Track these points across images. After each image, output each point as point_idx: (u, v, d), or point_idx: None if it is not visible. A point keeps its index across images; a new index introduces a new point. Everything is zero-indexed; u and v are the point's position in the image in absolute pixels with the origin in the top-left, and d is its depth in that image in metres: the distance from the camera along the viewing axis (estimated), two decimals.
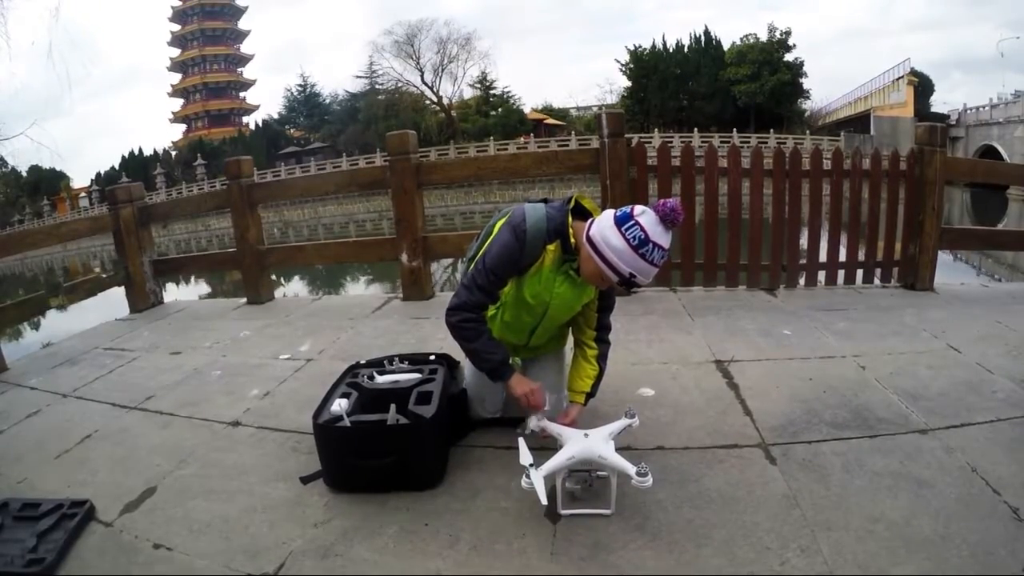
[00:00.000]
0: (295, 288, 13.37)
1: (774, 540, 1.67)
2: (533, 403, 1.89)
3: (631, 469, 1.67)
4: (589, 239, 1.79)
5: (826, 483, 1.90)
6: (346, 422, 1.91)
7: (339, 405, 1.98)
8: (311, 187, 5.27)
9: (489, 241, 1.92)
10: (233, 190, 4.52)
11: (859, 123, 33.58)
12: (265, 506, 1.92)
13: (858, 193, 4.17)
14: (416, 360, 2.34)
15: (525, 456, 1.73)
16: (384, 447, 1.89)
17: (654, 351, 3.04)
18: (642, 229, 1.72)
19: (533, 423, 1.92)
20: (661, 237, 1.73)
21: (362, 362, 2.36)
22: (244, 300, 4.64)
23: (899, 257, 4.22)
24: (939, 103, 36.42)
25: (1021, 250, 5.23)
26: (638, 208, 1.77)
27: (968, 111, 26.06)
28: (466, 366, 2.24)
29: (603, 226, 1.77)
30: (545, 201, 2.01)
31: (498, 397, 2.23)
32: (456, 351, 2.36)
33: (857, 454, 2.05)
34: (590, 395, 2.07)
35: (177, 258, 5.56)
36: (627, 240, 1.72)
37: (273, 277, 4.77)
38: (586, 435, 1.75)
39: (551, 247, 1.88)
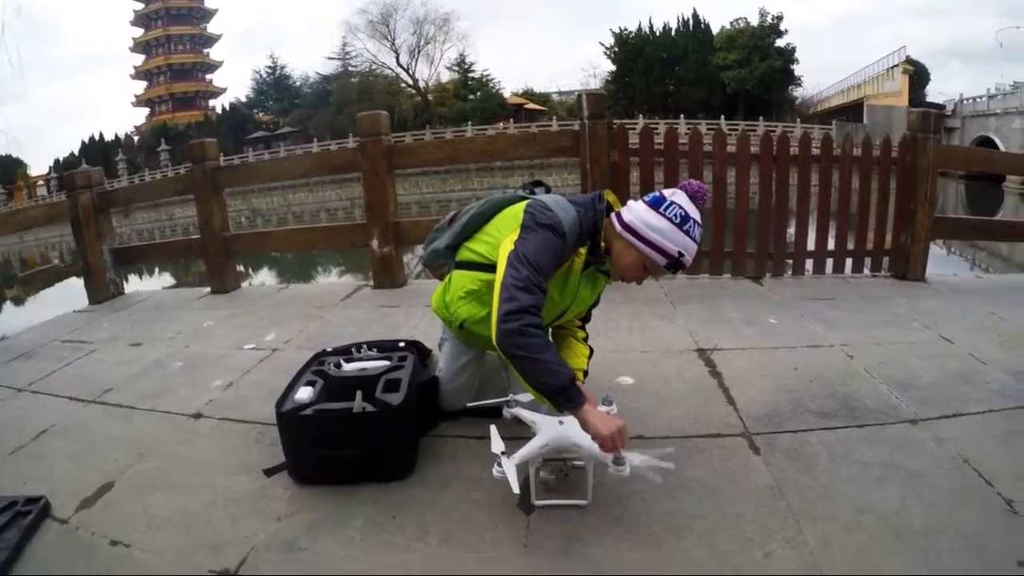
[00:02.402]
0: (264, 278, 13.16)
1: (757, 531, 1.59)
2: (621, 444, 1.54)
3: (608, 458, 1.58)
4: (627, 227, 1.72)
5: (812, 473, 1.83)
6: (310, 411, 1.82)
7: (304, 393, 1.89)
8: (280, 171, 5.10)
9: (517, 237, 1.68)
10: (196, 174, 4.35)
11: (852, 112, 33.23)
12: (227, 500, 1.83)
13: (848, 180, 4.10)
14: (385, 347, 2.25)
15: (496, 444, 1.64)
16: (350, 436, 1.80)
17: (635, 339, 2.96)
18: (680, 207, 1.69)
19: (505, 410, 1.83)
20: (696, 214, 1.72)
21: (328, 350, 2.26)
22: (208, 290, 4.51)
23: (890, 246, 4.17)
24: (935, 93, 36.17)
25: (1014, 241, 5.17)
26: (667, 191, 1.75)
27: (965, 101, 25.95)
28: (441, 353, 2.14)
29: (638, 212, 1.72)
30: (538, 188, 1.96)
31: (472, 387, 2.14)
32: (428, 338, 2.27)
33: (845, 444, 1.98)
34: (584, 375, 2.02)
35: (138, 246, 5.35)
36: (669, 219, 1.68)
37: (241, 268, 4.64)
38: (561, 422, 1.66)
39: (582, 250, 1.79)
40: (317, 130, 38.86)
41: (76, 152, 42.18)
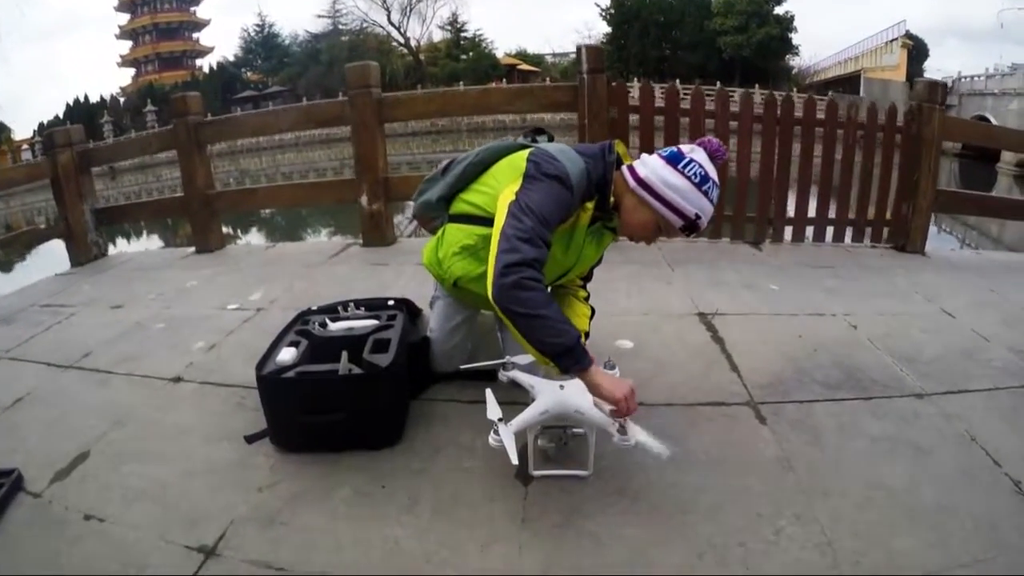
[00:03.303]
0: (253, 239, 12.75)
1: (767, 506, 1.51)
2: (631, 408, 1.43)
3: (612, 426, 1.49)
4: (642, 183, 1.58)
5: (820, 446, 1.76)
6: (292, 373, 1.70)
7: (286, 354, 1.78)
8: (266, 125, 4.83)
9: (519, 187, 1.52)
10: (179, 129, 4.17)
11: (848, 84, 32.80)
12: (206, 469, 1.72)
13: (852, 148, 4.00)
14: (373, 306, 2.13)
15: (493, 410, 1.53)
16: (335, 401, 1.68)
17: (633, 302, 2.86)
18: (700, 166, 1.56)
19: (501, 373, 1.73)
20: (715, 174, 1.59)
21: (313, 308, 2.14)
22: (193, 249, 4.36)
23: (891, 218, 4.09)
24: (933, 70, 35.70)
25: (1012, 219, 5.12)
26: (686, 147, 1.62)
27: (963, 80, 25.66)
28: (433, 313, 2.03)
29: (654, 168, 1.58)
30: (540, 136, 1.82)
31: (465, 348, 2.03)
32: (418, 297, 2.16)
33: (852, 416, 1.91)
34: (586, 336, 1.90)
35: (121, 206, 5.18)
36: (688, 178, 1.55)
37: (229, 229, 4.48)
38: (561, 387, 1.56)
39: (589, 204, 1.64)
40: (306, 89, 37.77)
41: (61, 115, 40.95)
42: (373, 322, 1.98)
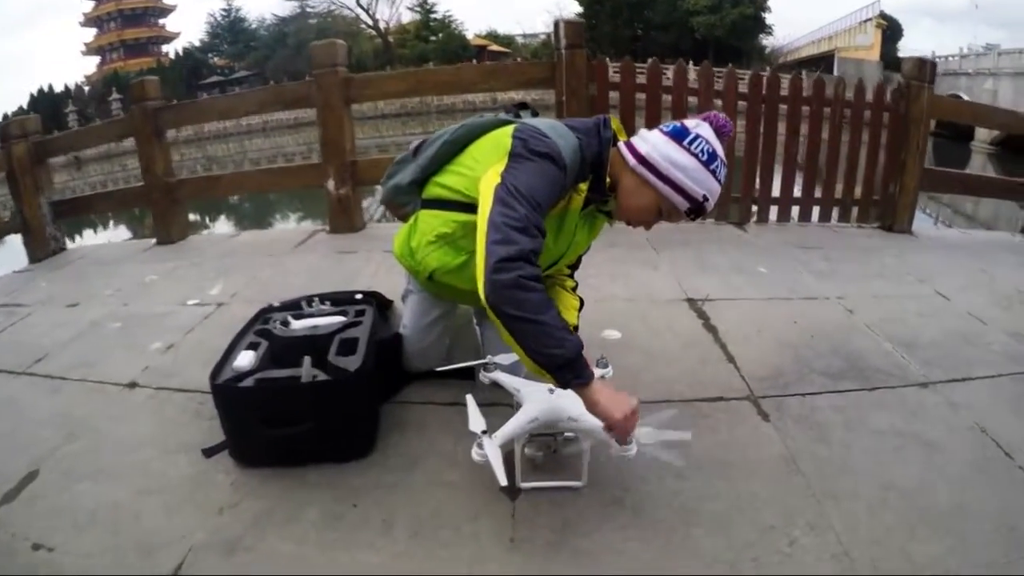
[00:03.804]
0: (222, 228, 12.31)
1: (777, 515, 1.38)
2: (629, 429, 1.29)
3: (612, 437, 1.33)
4: (644, 161, 1.40)
5: (827, 443, 1.64)
6: (250, 381, 1.53)
7: (244, 359, 1.61)
8: (227, 108, 4.56)
9: (504, 168, 1.34)
10: (136, 115, 3.94)
11: (822, 64, 32.79)
12: (162, 487, 1.54)
13: (839, 126, 3.91)
14: (339, 300, 1.96)
15: (476, 421, 1.37)
16: (298, 411, 1.51)
17: (619, 287, 2.72)
18: (707, 142, 1.39)
19: (482, 375, 1.57)
20: (722, 152, 1.43)
21: (275, 304, 1.96)
22: (154, 241, 4.14)
23: (878, 197, 4.03)
24: (908, 49, 35.41)
25: (994, 197, 5.10)
26: (691, 121, 1.45)
27: (937, 59, 25.95)
28: (406, 307, 1.86)
29: (657, 144, 1.41)
30: (523, 111, 1.63)
31: (442, 346, 1.86)
32: (389, 288, 1.99)
33: (857, 409, 1.79)
34: (576, 329, 1.74)
35: (79, 198, 4.95)
36: (695, 156, 1.38)
37: (197, 217, 4.27)
38: (551, 390, 1.41)
39: (583, 185, 1.46)
40: (274, 73, 36.73)
41: (24, 106, 39.73)
42: (340, 319, 1.81)
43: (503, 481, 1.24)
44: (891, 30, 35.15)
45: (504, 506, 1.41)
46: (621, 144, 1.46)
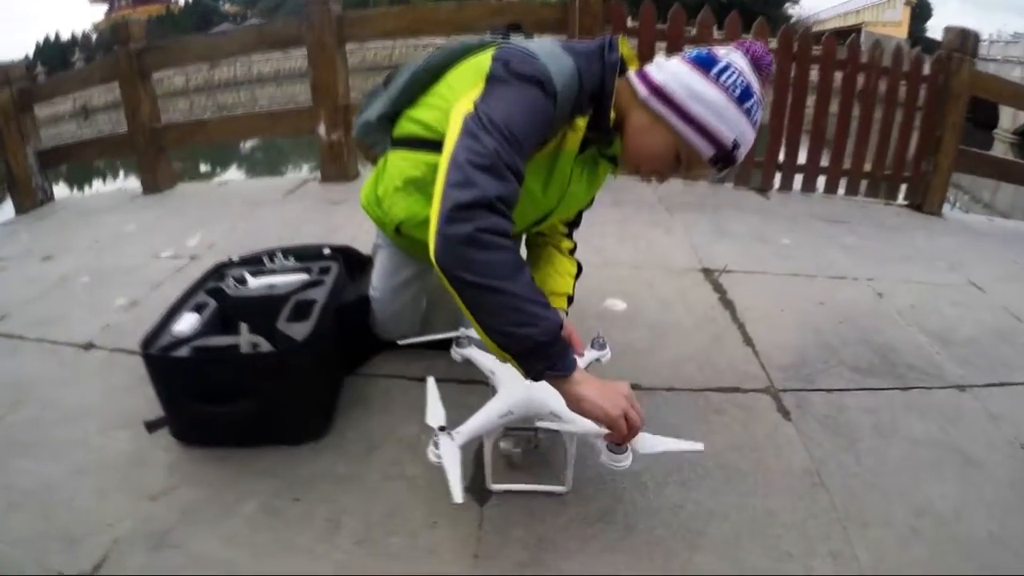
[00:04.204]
0: (232, 177, 11.99)
1: (796, 540, 1.16)
2: (632, 429, 1.01)
3: (600, 438, 1.07)
4: (659, 92, 1.08)
5: (856, 452, 1.40)
6: (185, 350, 1.30)
7: (185, 323, 1.38)
8: (214, 48, 4.26)
9: (479, 94, 1.04)
10: (121, 58, 3.69)
11: (851, 36, 32.27)
12: (99, 465, 1.34)
13: (873, 94, 3.58)
14: (305, 255, 1.71)
15: (434, 413, 1.12)
16: (239, 386, 1.28)
17: (626, 251, 2.46)
18: (740, 75, 1.07)
19: (454, 349, 1.34)
20: (759, 90, 1.10)
21: (234, 259, 1.72)
22: (141, 191, 3.91)
23: (909, 174, 3.71)
24: (935, 30, 34.87)
25: None
26: (720, 49, 1.11)
27: None
28: (375, 266, 1.61)
29: (677, 73, 1.08)
30: (514, 33, 1.29)
31: (416, 311, 1.62)
32: (367, 245, 1.74)
33: (890, 412, 1.55)
34: (570, 301, 1.49)
35: (65, 146, 4.72)
36: (724, 90, 1.06)
37: (208, 167, 4.04)
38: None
39: (581, 121, 1.16)
40: (286, 20, 35.97)
41: (31, 55, 39.10)
42: (301, 277, 1.56)
43: (457, 497, 0.98)
44: (920, 8, 34.29)
45: (470, 513, 1.19)
46: (631, 73, 1.15)
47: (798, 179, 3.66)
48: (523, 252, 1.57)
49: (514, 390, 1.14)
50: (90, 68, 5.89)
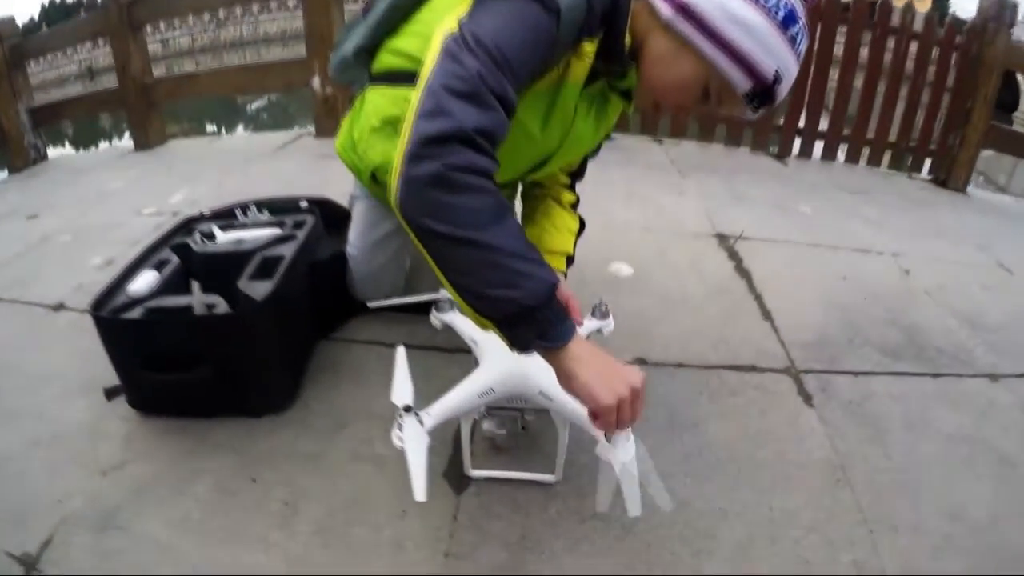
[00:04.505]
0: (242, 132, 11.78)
1: (816, 547, 1.02)
2: (624, 421, 0.80)
3: (598, 431, 0.88)
4: (686, 11, 0.86)
5: (884, 445, 1.25)
6: (138, 311, 1.16)
7: (142, 282, 1.23)
8: None
9: (465, 11, 0.83)
10: (111, 11, 3.49)
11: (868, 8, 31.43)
12: (54, 436, 1.22)
13: (903, 60, 3.36)
14: (279, 208, 1.55)
15: (401, 390, 0.95)
16: (192, 351, 1.14)
17: (634, 213, 2.28)
18: None
19: (433, 314, 1.18)
20: (804, 15, 0.90)
21: (205, 213, 1.55)
22: (132, 147, 3.77)
23: (936, 147, 3.51)
24: (961, 9, 34.13)
25: None
26: None
27: None
28: (352, 219, 1.44)
29: None
30: None
31: (399, 270, 1.45)
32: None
33: (920, 401, 1.40)
34: (570, 261, 1.31)
35: (56, 103, 4.56)
36: (765, 12, 0.85)
37: (214, 127, 3.88)
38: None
39: (589, 46, 0.94)
40: None
41: (36, 17, 38.28)
42: (273, 232, 1.40)
43: (419, 494, 0.82)
44: None
45: (445, 502, 1.04)
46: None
47: (818, 147, 3.47)
48: (517, 208, 1.39)
49: (497, 363, 0.98)
50: (80, 22, 5.67)
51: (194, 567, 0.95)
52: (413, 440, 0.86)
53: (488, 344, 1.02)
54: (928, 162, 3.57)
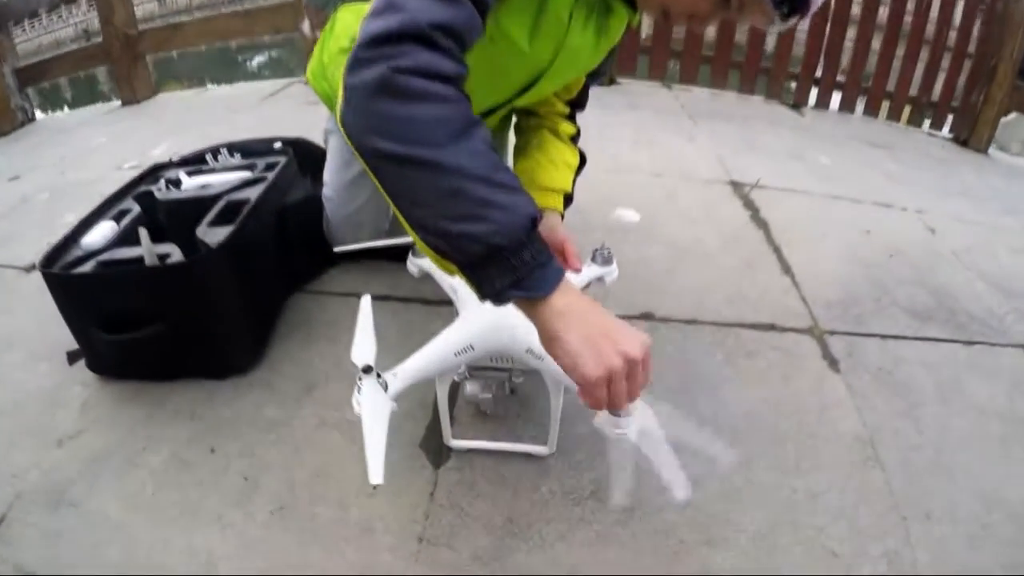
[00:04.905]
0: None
1: (844, 535, 0.90)
2: (613, 400, 0.62)
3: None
4: None
5: (916, 419, 1.13)
6: (89, 265, 1.03)
7: (97, 234, 1.11)
8: None
9: None
10: None
11: None
12: (15, 405, 1.13)
13: (927, 10, 3.15)
14: (252, 151, 1.41)
15: (362, 346, 0.79)
16: (141, 307, 1.01)
17: (641, 156, 2.12)
18: None
19: (411, 260, 1.04)
20: None
21: (173, 159, 1.41)
22: (119, 103, 3.60)
23: (958, 104, 3.30)
24: None
25: None
26: None
27: None
28: (329, 156, 1.29)
29: None
30: None
31: (379, 213, 1.29)
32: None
33: (953, 370, 1.26)
34: (568, 201, 1.12)
35: (41, 62, 4.38)
36: None
37: (213, 84, 3.73)
38: None
39: None
40: None
41: None
42: (242, 175, 1.25)
43: (374, 475, 0.67)
44: None
45: (421, 476, 0.92)
46: None
47: (836, 98, 3.28)
48: (511, 146, 1.23)
49: (478, 316, 0.84)
50: None
51: (146, 553, 0.84)
52: (372, 407, 0.71)
53: (467, 296, 0.88)
54: (950, 119, 3.38)
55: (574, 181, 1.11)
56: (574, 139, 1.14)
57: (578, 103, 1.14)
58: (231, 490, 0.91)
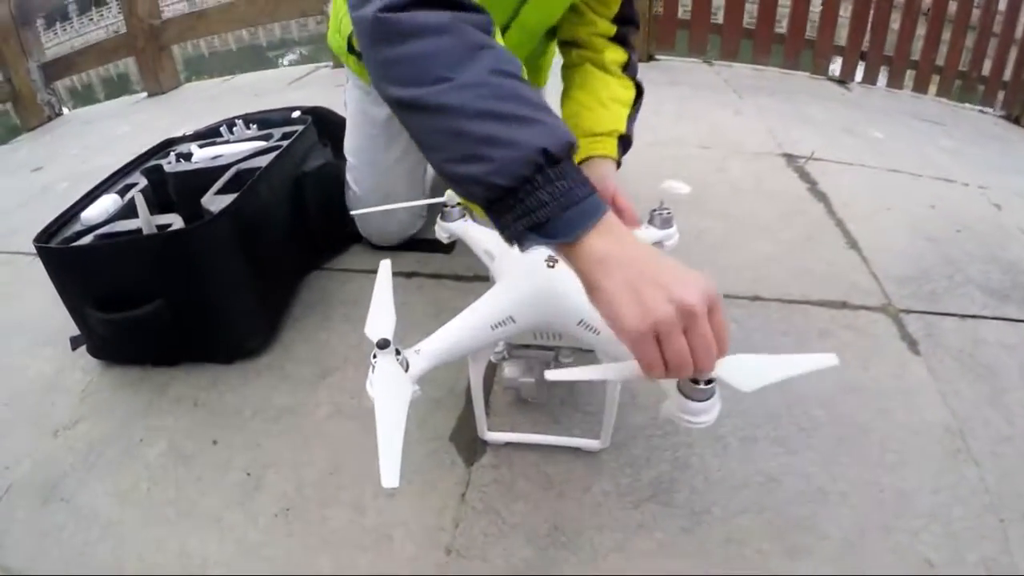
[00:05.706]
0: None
1: (939, 541, 0.76)
2: (671, 365, 0.50)
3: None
4: None
5: (1003, 407, 0.98)
6: (88, 239, 0.96)
7: (98, 208, 1.03)
8: None
9: None
10: None
11: None
12: (15, 391, 1.08)
13: None
14: (270, 121, 1.31)
15: (378, 318, 0.65)
16: (142, 282, 0.92)
17: (686, 129, 2.01)
18: None
19: (439, 224, 0.90)
20: None
21: (187, 133, 1.35)
22: (145, 94, 3.59)
23: (1009, 80, 3.08)
24: None
25: None
26: None
27: None
28: (348, 115, 1.18)
29: None
30: None
31: (413, 180, 1.17)
32: None
33: None
34: (625, 144, 0.97)
35: (66, 57, 4.42)
36: None
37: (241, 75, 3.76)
38: (551, 263, 0.72)
39: None
40: None
41: None
42: (256, 145, 1.15)
43: (388, 478, 0.52)
44: None
45: (451, 475, 0.80)
46: None
47: (883, 74, 3.11)
48: (557, 85, 1.08)
49: (519, 283, 0.71)
50: None
51: (136, 556, 0.74)
52: (388, 390, 0.58)
53: (508, 259, 0.76)
54: (1001, 96, 3.19)
55: (632, 118, 0.97)
56: (627, 68, 0.99)
57: (626, 19, 0.98)
58: (232, 487, 0.82)
